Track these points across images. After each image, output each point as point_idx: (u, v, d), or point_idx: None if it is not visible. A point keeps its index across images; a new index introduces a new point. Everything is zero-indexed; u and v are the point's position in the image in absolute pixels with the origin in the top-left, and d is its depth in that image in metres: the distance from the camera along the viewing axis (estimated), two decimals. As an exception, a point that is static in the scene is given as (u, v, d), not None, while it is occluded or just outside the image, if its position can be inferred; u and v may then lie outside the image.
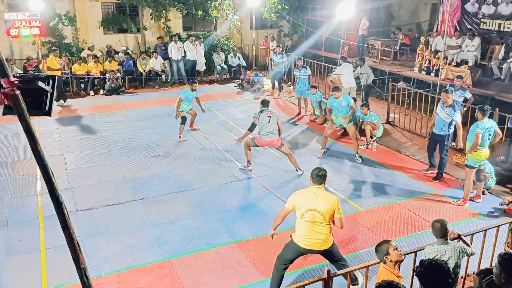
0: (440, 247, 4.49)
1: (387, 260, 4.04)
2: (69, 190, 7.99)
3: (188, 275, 5.74)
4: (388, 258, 4.02)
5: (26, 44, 15.54)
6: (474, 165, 7.44)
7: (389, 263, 4.04)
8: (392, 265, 4.04)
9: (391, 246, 4.04)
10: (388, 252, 4.02)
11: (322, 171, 5.02)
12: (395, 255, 4.01)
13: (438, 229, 4.50)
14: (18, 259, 6.05)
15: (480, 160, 7.41)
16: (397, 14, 18.35)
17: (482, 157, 7.39)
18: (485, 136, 7.28)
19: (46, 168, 2.28)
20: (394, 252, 4.02)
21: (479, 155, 7.35)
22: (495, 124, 7.52)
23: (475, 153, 7.34)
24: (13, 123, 10.55)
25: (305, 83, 12.73)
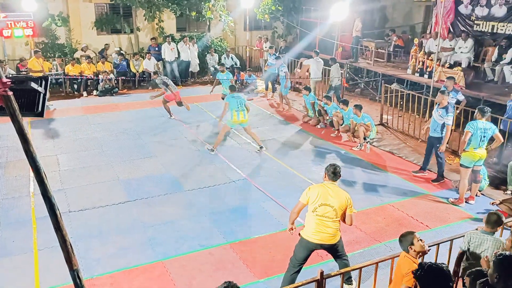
0: (483, 235, 4.63)
1: (410, 250, 4.18)
2: (62, 191, 7.95)
3: (181, 277, 5.73)
4: (412, 248, 4.17)
5: (19, 45, 15.46)
6: (468, 164, 7.49)
7: (412, 253, 4.18)
8: (414, 255, 4.18)
9: (415, 237, 4.19)
10: (412, 242, 4.17)
11: (337, 168, 5.10)
12: (418, 246, 4.16)
13: (493, 221, 4.65)
14: (11, 261, 6.01)
15: (474, 160, 7.44)
16: (391, 16, 18.45)
17: (476, 157, 7.40)
18: (476, 135, 7.28)
19: (38, 169, 2.28)
20: (418, 243, 4.17)
21: (473, 154, 7.39)
22: (494, 128, 7.45)
23: (469, 152, 7.39)
24: (6, 124, 10.46)
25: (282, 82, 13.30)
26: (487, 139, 7.41)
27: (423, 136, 10.47)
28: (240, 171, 8.93)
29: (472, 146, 7.35)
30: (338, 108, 11.34)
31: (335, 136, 11.15)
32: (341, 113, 11.06)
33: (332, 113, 11.46)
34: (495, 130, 7.48)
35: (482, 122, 7.39)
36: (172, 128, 11.59)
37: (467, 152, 7.42)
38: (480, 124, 7.34)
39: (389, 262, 4.73)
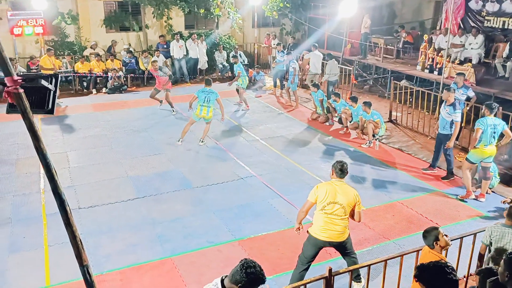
0: (504, 229, 4.64)
1: (436, 246, 4.19)
2: (71, 188, 8.02)
3: (190, 273, 5.76)
4: (438, 243, 4.18)
5: (29, 43, 15.57)
6: (474, 161, 7.52)
7: (438, 248, 4.20)
8: (439, 250, 4.20)
9: (440, 233, 4.21)
10: (438, 237, 4.18)
11: (345, 165, 5.08)
12: (444, 241, 4.18)
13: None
14: (22, 256, 6.08)
15: (483, 157, 7.43)
16: (400, 12, 18.31)
17: (485, 154, 7.38)
18: (487, 132, 7.26)
19: (49, 166, 2.30)
20: (443, 238, 4.19)
21: (483, 151, 7.38)
22: (503, 124, 7.46)
23: (478, 149, 7.38)
24: (17, 121, 10.56)
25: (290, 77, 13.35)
26: (497, 135, 7.40)
27: (433, 133, 10.41)
28: (249, 168, 8.93)
29: (483, 143, 7.32)
30: (347, 105, 11.29)
31: (343, 133, 11.12)
32: (350, 110, 11.02)
33: (340, 110, 11.42)
34: (504, 126, 7.47)
35: (492, 119, 7.36)
36: (180, 125, 11.59)
37: (477, 149, 7.40)
38: (490, 121, 7.31)
39: (398, 259, 4.71)
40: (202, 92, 9.67)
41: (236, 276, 3.05)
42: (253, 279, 3.02)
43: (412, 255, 4.75)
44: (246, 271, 3.03)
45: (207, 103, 9.56)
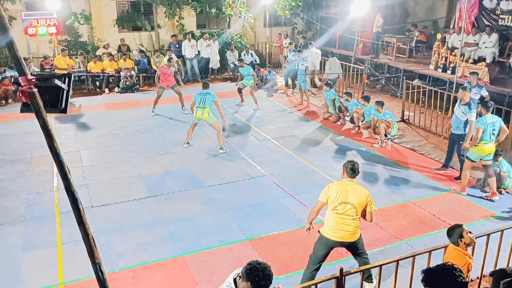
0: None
1: (460, 243, 4.21)
2: (84, 187, 8.09)
3: (201, 272, 5.77)
4: (462, 240, 4.20)
5: (43, 43, 15.75)
6: (474, 158, 7.65)
7: (462, 245, 4.21)
8: (464, 247, 4.21)
9: (464, 230, 4.22)
10: (462, 235, 4.20)
11: (356, 164, 5.06)
12: (468, 238, 4.19)
13: None
14: (35, 254, 6.15)
15: (483, 155, 7.56)
16: (413, 10, 18.15)
17: (485, 152, 7.53)
18: (487, 131, 7.42)
19: (62, 165, 2.32)
20: (468, 235, 4.19)
21: (482, 149, 7.52)
22: (500, 120, 7.63)
23: (478, 147, 7.52)
24: (31, 120, 10.67)
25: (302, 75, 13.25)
26: (496, 133, 7.58)
27: (445, 133, 10.31)
28: (260, 168, 8.93)
29: (483, 141, 7.47)
30: (359, 105, 11.23)
31: (355, 132, 11.06)
32: (362, 109, 10.95)
33: (352, 110, 11.36)
34: (501, 123, 7.64)
35: (490, 117, 7.51)
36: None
37: (477, 147, 7.54)
38: (489, 119, 7.48)
39: (410, 260, 4.67)
40: (198, 95, 9.67)
41: (244, 276, 3.09)
42: (257, 281, 3.02)
43: (425, 255, 4.71)
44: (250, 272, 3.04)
45: (203, 104, 9.53)
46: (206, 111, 9.52)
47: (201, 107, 9.52)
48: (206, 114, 9.54)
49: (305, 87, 13.43)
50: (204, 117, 9.56)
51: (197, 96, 9.66)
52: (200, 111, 9.53)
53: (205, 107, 9.52)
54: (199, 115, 9.57)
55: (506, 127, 7.69)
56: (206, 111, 9.52)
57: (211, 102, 9.59)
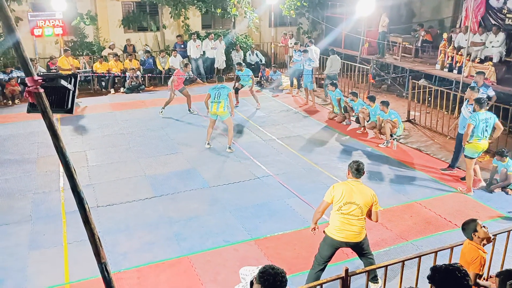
0: None
1: (474, 237, 4.26)
2: (90, 187, 8.12)
3: (206, 272, 5.78)
4: (476, 235, 4.25)
5: (49, 43, 15.84)
6: (471, 155, 7.71)
7: (476, 239, 4.25)
8: (479, 241, 4.25)
9: (478, 224, 4.27)
10: (476, 229, 4.24)
11: (361, 165, 5.04)
12: (482, 232, 4.24)
13: None
14: (42, 253, 6.18)
15: (478, 151, 7.69)
16: (419, 10, 18.07)
17: (479, 148, 7.65)
18: (479, 127, 7.50)
19: (68, 165, 2.33)
20: (482, 229, 4.24)
21: (477, 146, 7.61)
22: (494, 117, 7.67)
23: (472, 144, 7.61)
24: (37, 121, 10.75)
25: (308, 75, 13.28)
26: (490, 129, 7.62)
27: (451, 133, 10.26)
28: (265, 168, 8.93)
29: (476, 137, 7.55)
30: (364, 105, 11.21)
31: (361, 132, 11.03)
32: (368, 109, 10.92)
33: (358, 110, 11.33)
34: (495, 119, 7.69)
35: (483, 113, 7.58)
36: (197, 124, 11.68)
37: (471, 143, 7.61)
38: (482, 116, 7.55)
39: (416, 261, 4.66)
40: (213, 89, 9.67)
41: (256, 278, 3.12)
42: (267, 285, 3.03)
43: (430, 256, 4.69)
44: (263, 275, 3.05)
45: (218, 98, 9.51)
46: (221, 106, 9.51)
47: (216, 102, 9.52)
48: (221, 109, 9.53)
49: (311, 87, 13.42)
50: (220, 112, 9.55)
51: (212, 90, 9.65)
52: (215, 105, 9.53)
53: (220, 101, 9.50)
54: (214, 110, 9.57)
55: (500, 124, 7.75)
56: (221, 106, 9.51)
57: (226, 96, 9.56)
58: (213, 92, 9.60)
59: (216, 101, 9.51)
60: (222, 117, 9.71)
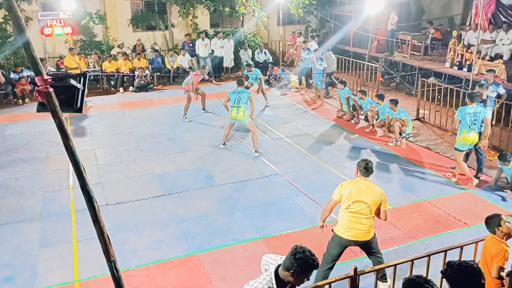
0: None
1: (497, 231, 4.30)
2: (99, 185, 8.18)
3: (215, 270, 5.79)
4: (500, 229, 4.28)
5: (59, 43, 15.95)
6: (461, 148, 7.92)
7: (499, 233, 4.29)
8: (502, 235, 4.29)
9: (502, 219, 4.31)
10: (500, 223, 4.28)
11: (369, 163, 5.03)
12: (506, 227, 4.27)
13: None
14: (52, 251, 6.24)
15: (467, 144, 7.86)
16: (428, 7, 17.93)
17: (468, 141, 7.81)
18: (466, 120, 7.69)
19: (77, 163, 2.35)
20: (505, 224, 4.28)
21: (466, 138, 7.79)
22: (483, 112, 7.76)
23: (462, 137, 7.82)
24: (47, 119, 10.84)
25: (319, 74, 13.26)
26: (479, 123, 7.74)
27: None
28: (274, 166, 8.92)
29: (464, 130, 7.75)
30: (373, 103, 11.15)
31: (369, 131, 10.99)
32: (376, 108, 10.87)
33: (367, 108, 11.28)
34: (485, 114, 7.78)
35: (471, 107, 7.72)
36: (205, 122, 11.71)
37: (460, 137, 7.84)
38: (469, 109, 7.70)
39: (425, 259, 4.63)
40: (233, 93, 9.49)
41: (287, 263, 3.13)
42: (302, 264, 3.07)
43: (440, 255, 4.66)
44: (295, 256, 3.09)
45: (237, 103, 9.33)
46: (241, 110, 9.34)
47: (236, 107, 9.35)
48: (241, 113, 9.36)
49: (321, 86, 13.38)
50: (240, 116, 9.39)
51: (232, 94, 9.50)
52: (234, 110, 9.37)
53: (240, 106, 9.33)
54: (234, 115, 9.41)
55: (488, 120, 7.86)
56: (241, 110, 9.34)
57: (246, 100, 9.40)
58: (233, 96, 9.43)
59: (236, 105, 9.34)
60: (243, 121, 9.53)
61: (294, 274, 3.08)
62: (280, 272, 3.18)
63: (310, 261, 3.09)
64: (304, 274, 3.11)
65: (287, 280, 3.14)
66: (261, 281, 3.21)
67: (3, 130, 11.17)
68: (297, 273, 3.08)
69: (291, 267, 3.08)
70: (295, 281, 3.13)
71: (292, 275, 3.09)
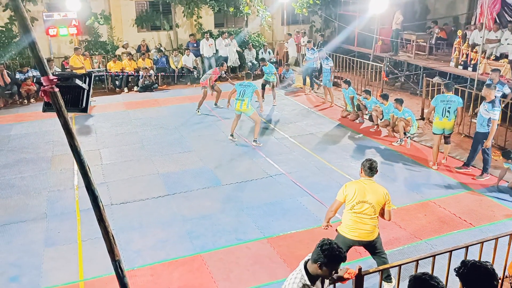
0: None
1: None
2: (104, 185, 8.20)
3: (219, 270, 5.80)
4: None
5: (64, 43, 16.01)
6: (435, 131, 8.71)
7: None
8: None
9: None
10: None
11: (374, 163, 5.01)
12: None
13: None
14: (57, 251, 6.26)
15: (440, 128, 8.59)
16: (433, 7, 17.87)
17: (440, 125, 8.57)
18: (439, 107, 8.44)
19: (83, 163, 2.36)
20: None
21: (437, 123, 8.59)
22: (458, 102, 8.42)
23: (435, 122, 8.60)
24: (52, 119, 10.88)
25: (327, 74, 13.29)
26: (452, 110, 8.40)
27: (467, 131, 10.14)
28: (278, 166, 8.92)
29: (437, 117, 8.51)
30: (377, 103, 11.13)
31: (374, 131, 10.96)
32: (381, 107, 10.85)
33: (371, 108, 11.25)
34: (459, 104, 8.44)
35: (446, 96, 8.46)
36: (210, 122, 11.72)
37: (434, 121, 8.66)
38: (443, 97, 8.46)
39: (430, 260, 4.60)
40: (239, 86, 9.92)
41: (314, 255, 3.23)
42: (328, 255, 3.16)
43: (445, 255, 4.63)
44: (322, 248, 3.20)
45: (242, 96, 9.73)
46: (244, 103, 9.71)
47: (240, 100, 9.74)
48: (244, 106, 9.73)
49: (330, 86, 13.35)
50: (243, 109, 9.77)
51: (238, 86, 9.92)
52: (239, 103, 9.77)
53: (244, 99, 9.70)
54: (238, 107, 9.82)
55: (460, 111, 8.53)
56: (244, 103, 9.71)
57: (251, 94, 9.77)
58: (239, 88, 9.84)
59: (240, 98, 9.73)
60: (247, 114, 9.94)
61: (322, 266, 3.20)
62: (309, 266, 3.30)
63: (336, 253, 3.20)
64: (331, 266, 3.22)
65: (315, 273, 3.26)
66: (294, 280, 3.29)
67: (9, 130, 11.23)
68: (324, 265, 3.19)
69: (318, 259, 3.19)
70: (323, 273, 3.24)
71: (320, 267, 3.21)
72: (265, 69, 13.44)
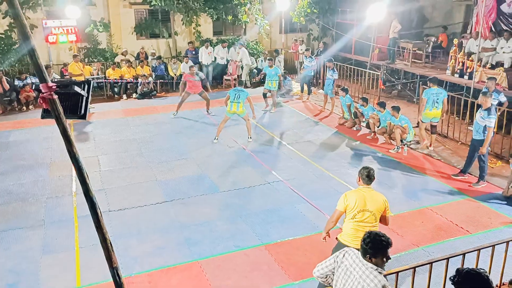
0: None
1: None
2: (102, 191, 8.20)
3: (217, 277, 5.80)
4: None
5: (63, 50, 16.06)
6: (424, 120, 10.03)
7: None
8: None
9: None
10: None
11: (371, 171, 4.99)
12: None
13: None
14: (54, 258, 6.25)
15: (430, 118, 9.90)
16: (430, 15, 17.99)
17: (430, 115, 9.86)
18: (430, 99, 9.72)
19: (81, 170, 2.37)
20: None
21: (428, 113, 9.87)
22: (444, 93, 9.86)
23: (425, 112, 9.86)
24: (51, 126, 10.89)
25: (329, 84, 13.29)
26: (440, 101, 9.73)
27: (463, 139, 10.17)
28: (276, 173, 8.94)
29: (428, 108, 9.78)
30: (374, 110, 11.19)
31: (371, 138, 11.01)
32: (378, 115, 10.90)
33: (368, 115, 11.30)
34: (445, 95, 9.83)
35: (435, 89, 9.77)
36: (207, 130, 11.74)
37: (424, 112, 9.88)
38: (433, 90, 9.75)
39: (427, 267, 4.62)
40: (233, 91, 10.62)
41: (362, 250, 3.35)
42: (372, 246, 3.26)
43: (442, 263, 4.65)
44: (364, 241, 3.32)
45: (237, 99, 10.39)
46: (240, 106, 10.45)
47: (236, 102, 10.39)
48: (240, 108, 10.46)
49: (331, 95, 13.34)
50: (239, 111, 10.45)
51: (232, 92, 10.60)
52: (234, 105, 10.40)
53: (239, 102, 10.43)
54: (234, 109, 10.43)
55: (445, 101, 9.80)
56: (240, 106, 10.45)
57: (244, 98, 10.45)
58: (233, 93, 10.50)
59: (236, 101, 10.38)
60: (240, 115, 10.62)
61: (371, 257, 3.30)
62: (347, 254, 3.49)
63: (378, 240, 3.28)
64: (379, 254, 3.29)
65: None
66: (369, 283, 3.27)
67: (7, 137, 11.24)
68: (372, 255, 3.29)
69: (365, 252, 3.31)
70: (376, 263, 3.31)
71: (370, 259, 3.31)
72: (270, 71, 13.36)
